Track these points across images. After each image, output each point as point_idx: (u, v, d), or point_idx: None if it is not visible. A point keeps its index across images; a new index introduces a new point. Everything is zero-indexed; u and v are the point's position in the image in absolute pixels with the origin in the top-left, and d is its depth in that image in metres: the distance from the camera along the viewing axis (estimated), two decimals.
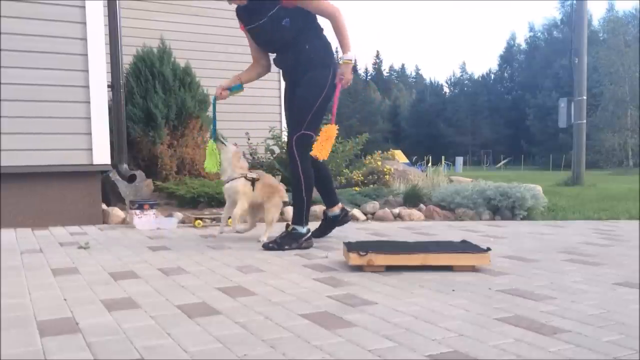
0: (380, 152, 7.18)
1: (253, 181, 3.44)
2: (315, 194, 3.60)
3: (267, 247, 3.15)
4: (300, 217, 3.26)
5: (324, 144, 3.10)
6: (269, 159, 6.50)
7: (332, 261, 2.79)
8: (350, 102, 63.13)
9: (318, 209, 4.74)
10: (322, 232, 3.62)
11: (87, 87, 4.27)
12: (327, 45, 3.28)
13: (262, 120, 6.96)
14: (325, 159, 3.19)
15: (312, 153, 3.11)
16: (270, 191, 3.52)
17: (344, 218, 3.64)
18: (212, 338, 1.58)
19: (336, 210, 3.61)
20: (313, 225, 3.50)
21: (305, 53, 3.20)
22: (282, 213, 4.63)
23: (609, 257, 2.98)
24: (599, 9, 75.68)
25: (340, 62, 3.19)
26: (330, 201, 3.61)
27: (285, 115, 3.51)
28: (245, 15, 3.31)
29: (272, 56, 3.48)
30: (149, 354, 1.45)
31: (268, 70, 3.56)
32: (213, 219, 4.34)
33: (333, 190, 3.67)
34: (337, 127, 3.21)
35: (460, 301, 2.01)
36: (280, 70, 3.52)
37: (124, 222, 4.38)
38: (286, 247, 3.13)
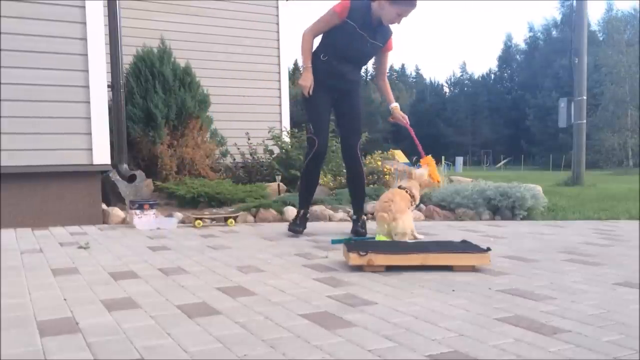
0: (380, 152, 7.18)
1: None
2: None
3: (357, 232, 3.69)
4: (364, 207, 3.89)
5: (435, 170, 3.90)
6: (268, 159, 6.50)
7: (332, 261, 2.79)
8: None
9: (318, 209, 4.74)
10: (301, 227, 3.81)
11: (87, 87, 4.27)
12: None
13: (262, 120, 6.97)
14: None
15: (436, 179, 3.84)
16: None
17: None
18: (212, 338, 1.58)
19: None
20: (315, 226, 3.49)
21: (360, 78, 3.83)
22: (281, 212, 4.64)
23: (609, 257, 2.98)
24: (597, 9, 75.65)
25: (394, 106, 3.86)
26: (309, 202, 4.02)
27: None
28: (362, 21, 3.46)
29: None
30: (149, 354, 1.45)
31: None
32: (213, 219, 4.34)
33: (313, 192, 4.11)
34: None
35: (460, 301, 2.01)
36: (331, 75, 3.59)
37: (124, 222, 4.38)
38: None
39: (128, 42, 5.44)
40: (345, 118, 3.73)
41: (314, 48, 3.61)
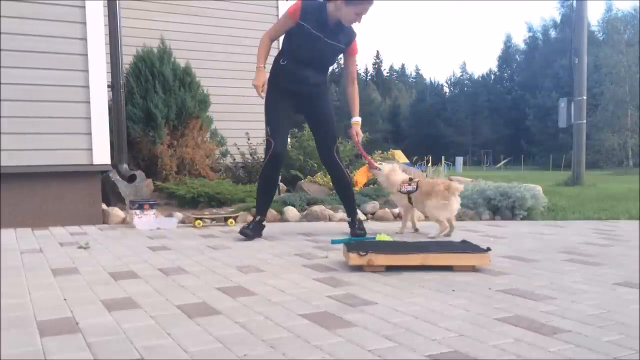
0: (380, 152, 7.17)
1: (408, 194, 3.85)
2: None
3: (357, 234, 3.64)
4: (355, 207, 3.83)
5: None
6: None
7: (332, 261, 2.79)
8: None
9: (318, 209, 4.74)
10: (255, 234, 3.63)
11: (87, 87, 4.27)
12: None
13: (262, 120, 6.95)
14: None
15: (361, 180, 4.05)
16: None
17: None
18: (212, 338, 1.58)
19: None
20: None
21: (326, 80, 3.72)
22: (281, 212, 4.64)
23: (609, 257, 2.98)
24: (596, 10, 75.66)
25: (354, 122, 3.78)
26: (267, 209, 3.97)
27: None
28: (317, 21, 3.38)
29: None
30: (149, 354, 1.45)
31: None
32: (213, 219, 4.34)
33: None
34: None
35: (460, 301, 2.01)
36: (289, 79, 3.53)
37: (124, 222, 4.38)
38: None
39: (128, 42, 5.44)
40: (317, 123, 3.69)
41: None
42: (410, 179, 3.90)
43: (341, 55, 3.68)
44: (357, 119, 3.75)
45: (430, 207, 3.71)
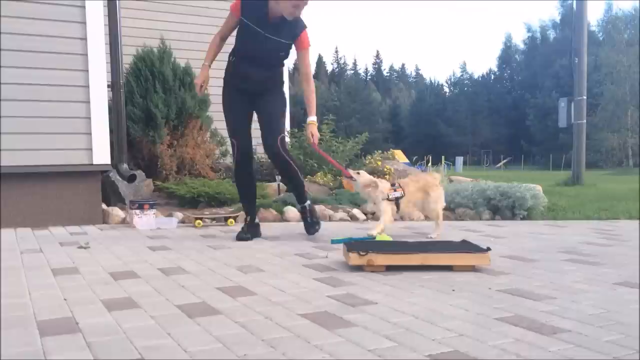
0: (380, 152, 7.18)
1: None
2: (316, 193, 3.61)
3: (311, 232, 3.66)
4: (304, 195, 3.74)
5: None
6: (268, 159, 6.49)
7: (332, 261, 2.79)
8: (350, 102, 63.12)
9: (318, 209, 4.74)
10: (253, 234, 3.62)
11: (87, 87, 4.27)
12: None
13: None
14: None
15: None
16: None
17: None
18: (212, 338, 1.58)
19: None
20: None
21: (277, 76, 3.60)
22: (281, 212, 4.64)
23: (609, 257, 2.98)
24: (597, 9, 75.64)
25: (309, 122, 3.59)
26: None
27: (233, 121, 3.60)
28: (256, 17, 3.33)
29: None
30: (149, 354, 1.45)
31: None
32: (213, 219, 4.34)
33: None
34: None
35: (460, 301, 2.01)
36: (237, 76, 3.51)
37: (124, 222, 4.38)
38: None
39: (128, 42, 5.44)
40: (262, 119, 3.56)
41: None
42: (392, 185, 3.76)
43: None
44: (312, 119, 3.57)
45: (431, 202, 3.72)
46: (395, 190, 3.67)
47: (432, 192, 3.73)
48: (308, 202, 3.71)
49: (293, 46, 3.49)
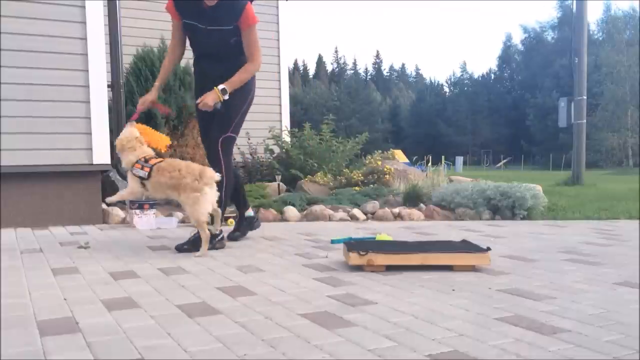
0: (380, 151, 7.17)
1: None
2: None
3: (180, 249, 3.04)
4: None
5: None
6: (268, 159, 6.50)
7: (332, 261, 2.79)
8: (350, 102, 63.12)
9: (318, 209, 4.74)
10: (243, 232, 3.56)
11: (87, 86, 4.27)
12: None
13: (262, 120, 6.96)
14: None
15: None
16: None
17: (256, 222, 3.65)
18: (212, 338, 1.58)
19: (251, 211, 3.64)
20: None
21: (237, 67, 3.20)
22: (281, 212, 4.64)
23: (609, 257, 2.99)
24: (597, 9, 75.59)
25: (215, 87, 3.11)
26: (245, 203, 3.61)
27: (199, 116, 3.35)
28: (193, 12, 3.19)
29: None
30: (149, 354, 1.45)
31: (179, 61, 3.51)
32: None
33: (245, 192, 3.74)
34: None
35: (460, 301, 2.01)
36: (196, 75, 3.41)
37: (124, 222, 4.38)
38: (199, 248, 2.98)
39: (128, 42, 5.44)
40: (219, 113, 3.21)
41: None
42: (146, 159, 3.03)
43: None
44: (221, 87, 3.10)
45: (186, 205, 2.94)
46: (142, 168, 2.98)
47: (183, 194, 2.92)
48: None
49: None
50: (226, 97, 3.12)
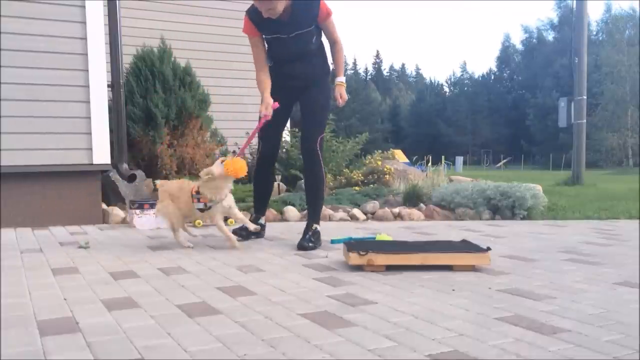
0: (380, 151, 7.17)
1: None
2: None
3: (303, 247, 3.17)
4: (319, 215, 3.47)
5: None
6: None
7: (332, 261, 2.79)
8: (350, 102, 63.12)
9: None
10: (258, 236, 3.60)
11: (87, 86, 4.27)
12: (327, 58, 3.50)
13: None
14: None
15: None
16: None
17: (262, 231, 3.68)
18: (212, 338, 1.58)
19: (263, 219, 3.70)
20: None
21: (320, 64, 3.41)
22: (281, 212, 4.64)
23: (609, 257, 2.99)
24: (596, 9, 75.54)
25: (337, 83, 3.43)
26: (264, 210, 3.73)
27: (277, 114, 3.36)
28: (272, 28, 3.24)
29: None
30: (149, 354, 1.45)
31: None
32: None
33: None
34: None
35: (460, 301, 2.01)
36: (280, 75, 3.40)
37: (124, 222, 4.38)
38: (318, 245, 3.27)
39: (128, 42, 5.44)
40: (307, 110, 3.41)
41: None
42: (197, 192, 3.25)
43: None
44: (341, 80, 3.42)
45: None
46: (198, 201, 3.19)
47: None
48: (317, 226, 3.37)
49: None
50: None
